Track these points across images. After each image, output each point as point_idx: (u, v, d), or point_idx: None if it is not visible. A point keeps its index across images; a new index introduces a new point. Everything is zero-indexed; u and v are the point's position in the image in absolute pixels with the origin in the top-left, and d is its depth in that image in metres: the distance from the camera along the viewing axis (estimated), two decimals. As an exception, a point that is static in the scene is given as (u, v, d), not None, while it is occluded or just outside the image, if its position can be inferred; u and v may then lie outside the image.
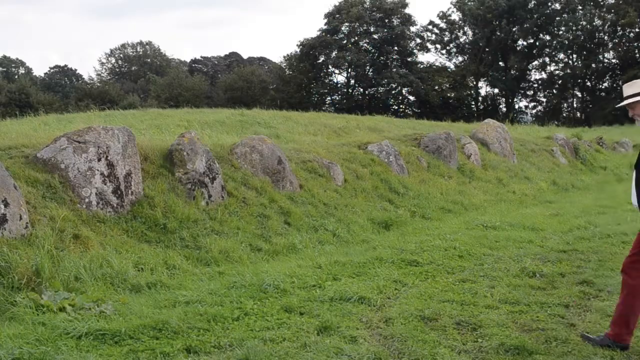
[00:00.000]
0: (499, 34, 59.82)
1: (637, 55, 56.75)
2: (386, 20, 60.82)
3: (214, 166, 9.48)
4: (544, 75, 63.33)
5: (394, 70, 59.18)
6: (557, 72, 62.20)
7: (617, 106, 5.24)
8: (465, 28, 62.74)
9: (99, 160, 7.88)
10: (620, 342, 4.73)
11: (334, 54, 60.16)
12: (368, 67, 61.06)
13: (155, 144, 9.77)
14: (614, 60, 59.41)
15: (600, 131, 34.15)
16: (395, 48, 61.60)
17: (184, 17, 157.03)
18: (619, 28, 57.25)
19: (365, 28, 60.87)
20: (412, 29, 62.37)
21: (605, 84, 60.77)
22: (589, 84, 60.80)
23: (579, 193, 16.50)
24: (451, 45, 63.59)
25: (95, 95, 51.74)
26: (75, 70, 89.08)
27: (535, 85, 63.89)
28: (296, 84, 59.72)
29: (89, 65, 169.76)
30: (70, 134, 8.09)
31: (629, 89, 4.90)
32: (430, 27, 63.43)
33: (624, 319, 4.74)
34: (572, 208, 12.98)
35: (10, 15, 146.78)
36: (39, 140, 8.77)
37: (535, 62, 63.58)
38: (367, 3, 60.77)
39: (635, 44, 57.50)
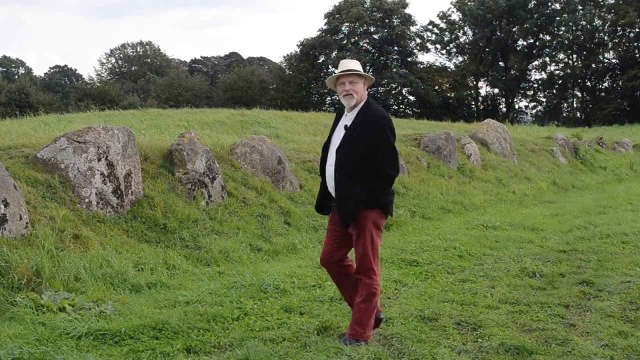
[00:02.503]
0: (499, 34, 59.78)
1: (637, 55, 56.74)
2: (386, 20, 60.80)
3: (214, 166, 9.48)
4: (544, 75, 63.36)
5: (394, 70, 59.16)
6: (557, 72, 62.22)
7: (331, 77, 4.86)
8: (465, 28, 62.69)
9: (99, 160, 7.88)
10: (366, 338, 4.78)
11: (334, 54, 60.12)
12: (368, 67, 61.03)
13: (155, 144, 9.77)
14: (614, 60, 59.41)
15: (600, 131, 34.17)
16: (395, 48, 61.59)
17: (184, 17, 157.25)
18: (619, 28, 57.24)
19: (365, 28, 60.85)
20: (412, 29, 62.39)
21: (605, 84, 60.79)
22: (589, 84, 60.79)
23: (579, 193, 16.50)
24: (451, 45, 63.55)
25: (95, 95, 51.70)
26: (75, 70, 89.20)
27: (535, 85, 63.88)
28: (296, 84, 59.68)
29: (89, 65, 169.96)
30: (70, 134, 8.09)
31: (352, 64, 4.81)
32: (430, 27, 63.42)
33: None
34: (572, 208, 12.97)
35: (10, 15, 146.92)
36: (39, 140, 8.77)
37: (535, 62, 63.57)
38: (367, 3, 60.74)
39: (635, 44, 57.48)
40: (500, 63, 62.64)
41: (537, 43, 61.26)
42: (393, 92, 61.46)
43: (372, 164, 4.69)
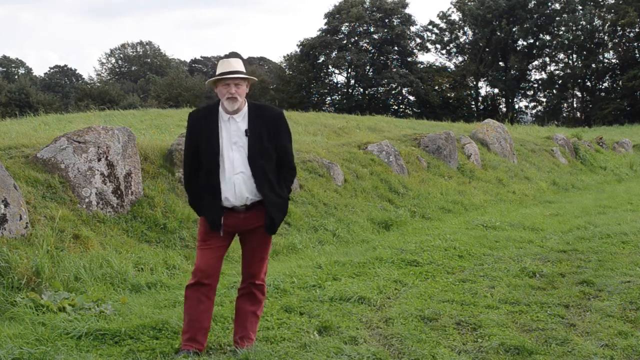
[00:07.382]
0: (499, 34, 59.75)
1: (637, 55, 56.71)
2: (386, 20, 60.74)
3: (214, 166, 9.47)
4: (544, 75, 63.29)
5: (394, 70, 59.09)
6: (557, 72, 62.16)
7: (213, 78, 4.50)
8: (465, 28, 62.66)
9: (99, 160, 7.88)
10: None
11: (334, 54, 60.06)
12: (368, 67, 60.98)
13: (155, 144, 9.78)
14: (614, 60, 59.36)
15: (600, 131, 34.14)
16: (395, 48, 61.51)
17: (184, 17, 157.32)
18: (619, 28, 57.19)
19: (365, 28, 60.78)
20: (412, 29, 62.30)
21: (605, 84, 60.74)
22: (589, 84, 60.74)
23: (579, 193, 16.49)
24: (451, 45, 63.52)
25: (95, 95, 51.65)
26: (75, 70, 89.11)
27: (535, 85, 63.84)
28: (296, 84, 59.65)
29: (88, 65, 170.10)
30: (70, 134, 8.09)
31: (237, 64, 4.52)
32: (430, 27, 63.35)
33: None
34: (572, 208, 12.97)
35: (10, 15, 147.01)
36: (39, 140, 8.77)
37: (535, 62, 63.54)
38: (367, 3, 60.69)
39: (635, 44, 57.45)
40: (500, 63, 62.63)
41: (537, 43, 61.24)
42: (393, 92, 61.42)
43: (279, 162, 4.62)
